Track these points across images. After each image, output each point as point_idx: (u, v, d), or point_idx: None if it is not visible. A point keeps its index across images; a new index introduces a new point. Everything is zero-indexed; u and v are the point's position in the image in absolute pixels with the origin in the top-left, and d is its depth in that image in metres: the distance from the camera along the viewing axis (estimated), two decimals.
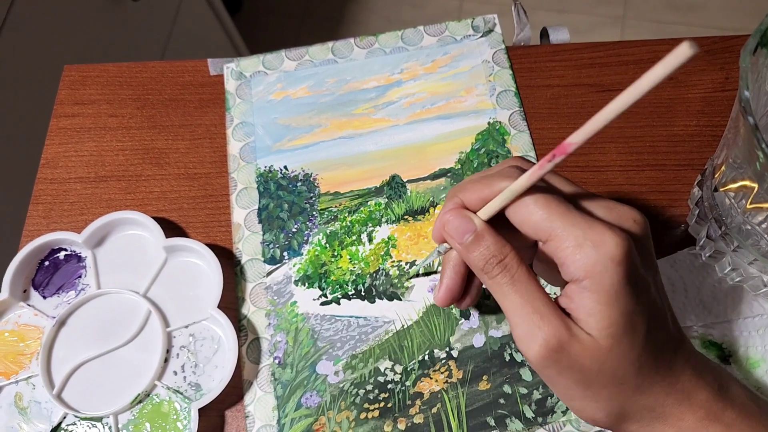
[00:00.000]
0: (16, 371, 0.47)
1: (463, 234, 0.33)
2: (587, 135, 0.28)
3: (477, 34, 0.58)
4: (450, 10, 1.75)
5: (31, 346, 0.48)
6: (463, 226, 0.33)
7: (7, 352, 0.47)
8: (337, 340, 0.47)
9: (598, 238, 0.29)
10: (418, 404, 0.44)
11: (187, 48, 1.25)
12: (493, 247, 0.32)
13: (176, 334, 0.47)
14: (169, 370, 0.46)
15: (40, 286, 0.49)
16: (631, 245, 0.29)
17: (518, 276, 0.31)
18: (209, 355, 0.47)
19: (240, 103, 0.57)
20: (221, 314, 0.46)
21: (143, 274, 0.49)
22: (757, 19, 1.63)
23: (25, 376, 0.47)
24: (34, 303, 0.49)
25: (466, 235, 0.33)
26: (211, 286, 0.48)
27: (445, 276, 0.37)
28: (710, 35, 0.55)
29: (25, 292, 0.49)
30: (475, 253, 0.32)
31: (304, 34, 1.76)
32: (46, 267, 0.50)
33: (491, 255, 0.32)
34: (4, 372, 0.47)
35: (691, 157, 0.51)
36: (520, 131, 0.53)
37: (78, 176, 0.54)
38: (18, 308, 0.49)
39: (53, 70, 0.62)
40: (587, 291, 0.29)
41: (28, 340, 0.48)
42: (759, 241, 0.41)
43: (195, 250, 0.48)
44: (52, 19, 0.90)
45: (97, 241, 0.50)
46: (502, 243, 0.32)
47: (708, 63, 0.54)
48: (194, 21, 1.28)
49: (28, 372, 0.47)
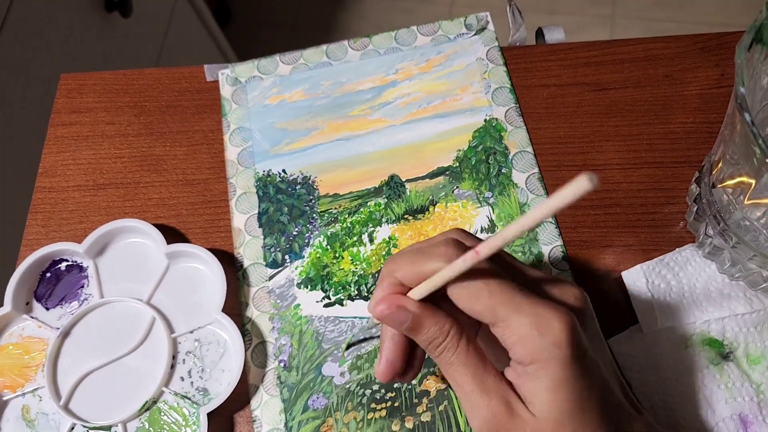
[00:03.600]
0: (22, 384, 0.47)
1: (401, 323, 0.32)
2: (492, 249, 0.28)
3: (470, 33, 0.58)
4: (440, 15, 1.75)
5: (36, 358, 0.47)
6: (400, 316, 0.32)
7: (12, 365, 0.47)
8: (341, 341, 0.47)
9: (544, 323, 0.29)
10: (425, 402, 0.44)
11: (179, 61, 1.25)
12: (433, 330, 0.32)
13: (181, 340, 0.47)
14: (175, 376, 0.46)
15: (43, 297, 0.49)
16: (575, 325, 0.29)
17: (458, 356, 0.31)
18: (216, 359, 0.47)
19: (236, 108, 0.57)
20: (226, 318, 0.46)
21: (146, 281, 0.49)
22: (745, 14, 1.65)
23: (31, 389, 0.46)
24: (38, 315, 0.49)
25: (404, 324, 0.32)
26: (214, 290, 0.48)
27: (384, 348, 0.35)
28: (700, 32, 0.56)
29: (27, 305, 0.49)
30: (417, 338, 0.32)
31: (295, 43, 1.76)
32: (48, 278, 0.50)
33: (432, 338, 0.32)
34: (10, 385, 0.47)
35: (689, 154, 0.51)
36: (517, 127, 0.53)
37: (76, 184, 0.54)
38: (21, 321, 0.48)
39: (49, 80, 0.62)
40: (532, 376, 0.29)
41: (32, 352, 0.47)
42: (758, 236, 0.41)
43: (197, 255, 0.48)
44: (46, 31, 0.90)
45: (98, 251, 0.50)
46: (442, 323, 0.32)
47: (703, 60, 0.54)
48: (185, 34, 1.28)
49: (34, 384, 0.47)
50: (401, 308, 0.32)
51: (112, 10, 1.04)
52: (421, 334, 0.32)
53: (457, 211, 0.51)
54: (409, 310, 0.32)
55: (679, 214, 0.49)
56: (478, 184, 0.52)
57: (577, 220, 0.50)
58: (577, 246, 0.49)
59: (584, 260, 0.48)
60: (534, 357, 0.29)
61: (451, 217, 0.51)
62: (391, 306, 0.32)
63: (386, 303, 0.32)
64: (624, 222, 0.49)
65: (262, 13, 1.84)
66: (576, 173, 0.52)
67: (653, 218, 0.49)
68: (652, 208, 0.49)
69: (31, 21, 0.87)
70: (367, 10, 1.82)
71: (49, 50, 0.91)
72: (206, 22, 1.36)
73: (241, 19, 1.83)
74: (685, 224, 0.49)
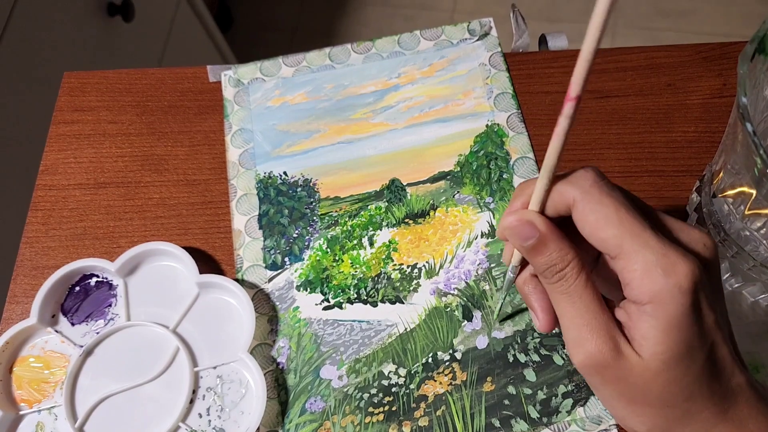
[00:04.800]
0: (39, 400, 0.46)
1: (525, 238, 0.31)
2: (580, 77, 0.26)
3: (473, 38, 0.58)
4: (441, 22, 1.75)
5: (56, 374, 0.46)
6: (526, 231, 0.31)
7: (32, 378, 0.46)
8: (340, 344, 0.47)
9: (670, 264, 0.28)
10: (422, 407, 0.44)
11: (180, 65, 1.25)
12: (555, 255, 0.31)
13: (203, 375, 0.46)
14: (194, 411, 0.45)
15: (69, 311, 0.48)
16: (701, 273, 0.28)
17: (576, 287, 0.31)
18: (236, 400, 0.45)
19: (238, 110, 0.57)
20: (251, 359, 0.45)
21: (174, 308, 0.48)
22: (746, 25, 1.65)
23: (48, 406, 0.45)
24: (62, 329, 0.48)
25: (528, 240, 0.31)
26: (242, 326, 0.47)
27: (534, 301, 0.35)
28: (702, 42, 0.56)
29: (53, 317, 0.48)
30: (536, 259, 0.32)
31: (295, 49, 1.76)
32: (76, 292, 0.49)
33: (552, 263, 0.31)
34: (28, 399, 0.46)
35: (690, 163, 0.51)
36: (519, 133, 0.54)
37: (77, 183, 0.54)
38: (45, 334, 0.47)
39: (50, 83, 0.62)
40: (648, 315, 0.29)
41: (53, 368, 0.47)
42: (758, 246, 0.41)
43: (228, 289, 0.47)
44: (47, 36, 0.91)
45: (130, 270, 0.49)
46: (565, 251, 0.31)
47: (706, 69, 0.54)
48: (186, 38, 1.29)
49: (51, 402, 0.46)
50: (530, 223, 0.31)
51: (114, 14, 1.04)
52: (543, 255, 0.31)
53: (458, 215, 0.51)
54: (536, 227, 0.31)
55: None
56: (479, 189, 0.52)
57: None
58: None
59: None
60: (653, 296, 0.28)
61: (452, 222, 0.51)
62: (520, 219, 0.31)
63: (515, 216, 0.32)
64: None
65: (263, 19, 1.84)
66: None
67: None
68: None
69: (32, 26, 0.87)
70: (368, 16, 1.83)
71: (50, 54, 0.91)
72: (208, 26, 1.37)
73: (243, 25, 1.83)
74: None
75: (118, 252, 0.50)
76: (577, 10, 1.74)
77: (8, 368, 0.47)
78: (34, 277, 0.51)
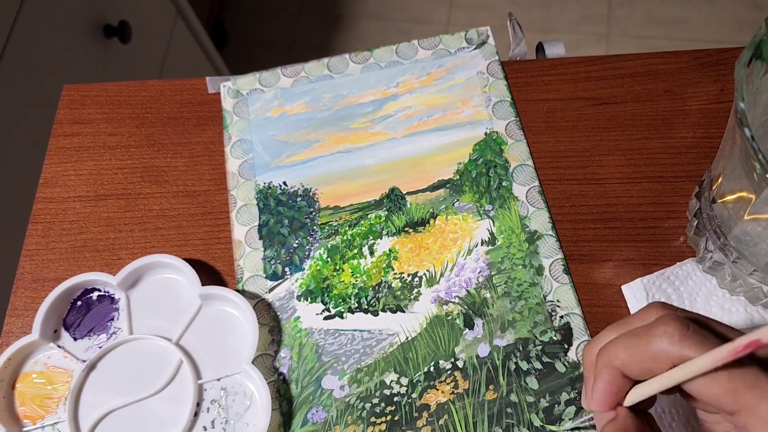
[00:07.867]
0: (43, 416, 0.45)
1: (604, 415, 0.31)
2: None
3: (471, 47, 0.59)
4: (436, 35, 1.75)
5: (60, 389, 0.46)
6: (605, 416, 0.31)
7: (35, 394, 0.46)
8: (341, 354, 0.47)
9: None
10: (425, 416, 0.44)
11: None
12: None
13: (207, 387, 0.46)
14: (198, 425, 0.45)
15: (72, 326, 0.48)
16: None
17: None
18: (241, 412, 0.45)
19: (237, 120, 0.57)
20: (255, 370, 0.44)
21: (176, 320, 0.48)
22: (739, 32, 1.66)
23: (51, 422, 0.45)
24: (65, 344, 0.47)
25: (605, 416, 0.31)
26: (245, 338, 0.47)
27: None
28: (697, 48, 0.56)
29: (55, 333, 0.48)
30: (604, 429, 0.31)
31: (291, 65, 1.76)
32: (78, 307, 0.48)
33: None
34: (31, 416, 0.45)
35: (689, 168, 0.51)
36: (517, 140, 0.54)
37: (77, 195, 0.54)
38: (48, 349, 0.47)
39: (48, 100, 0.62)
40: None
41: (56, 384, 0.46)
42: (758, 251, 0.41)
43: (231, 300, 0.47)
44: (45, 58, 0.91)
45: (132, 283, 0.49)
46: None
47: (703, 75, 0.55)
48: (183, 57, 1.30)
49: (55, 417, 0.45)
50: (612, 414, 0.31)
51: (111, 36, 1.04)
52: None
53: (458, 223, 0.51)
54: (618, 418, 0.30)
55: (679, 228, 0.49)
56: (478, 197, 0.52)
57: (578, 234, 0.50)
58: (578, 259, 0.49)
59: (584, 274, 0.48)
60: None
61: (452, 230, 0.51)
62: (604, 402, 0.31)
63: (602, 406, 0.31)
64: (624, 236, 0.49)
65: (258, 36, 1.84)
66: (576, 186, 0.52)
67: (653, 232, 0.49)
68: (652, 223, 0.50)
69: (30, 47, 0.88)
70: (363, 31, 1.83)
71: (49, 73, 0.91)
72: (203, 44, 1.38)
73: (238, 42, 1.83)
74: (685, 239, 0.49)
75: (118, 264, 0.50)
76: (571, 21, 1.75)
77: (11, 385, 0.46)
78: (34, 290, 0.51)
